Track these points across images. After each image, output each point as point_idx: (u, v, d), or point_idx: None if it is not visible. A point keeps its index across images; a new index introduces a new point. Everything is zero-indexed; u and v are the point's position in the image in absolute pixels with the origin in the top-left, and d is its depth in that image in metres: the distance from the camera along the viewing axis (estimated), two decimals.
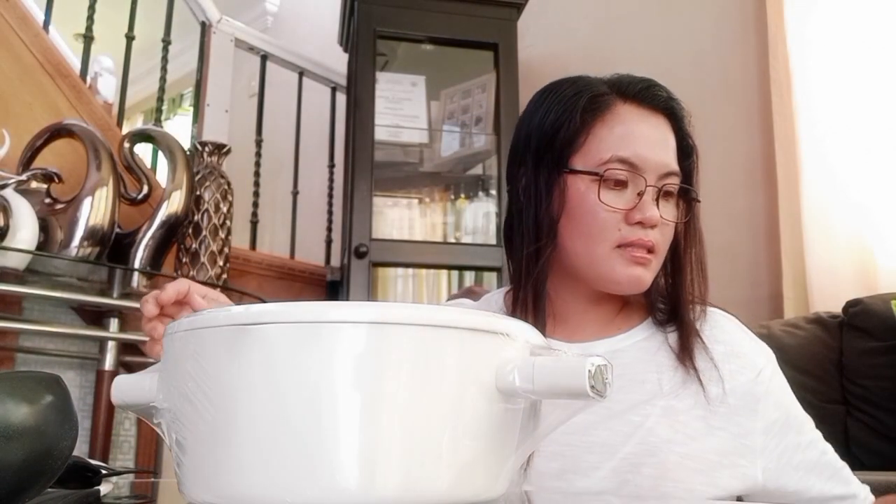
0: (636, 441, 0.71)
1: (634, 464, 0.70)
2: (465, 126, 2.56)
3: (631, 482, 0.70)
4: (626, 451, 0.71)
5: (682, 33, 2.46)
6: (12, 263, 1.59)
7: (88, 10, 2.22)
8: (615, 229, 0.74)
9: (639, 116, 0.77)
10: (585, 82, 0.80)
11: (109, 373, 1.80)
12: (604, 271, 0.75)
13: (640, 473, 0.70)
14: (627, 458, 0.71)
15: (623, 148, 0.75)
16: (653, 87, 0.79)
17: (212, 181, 2.02)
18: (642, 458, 0.70)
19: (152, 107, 3.07)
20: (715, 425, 0.73)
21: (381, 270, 2.46)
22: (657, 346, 0.78)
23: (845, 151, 1.97)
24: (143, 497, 0.74)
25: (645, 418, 0.72)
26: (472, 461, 0.39)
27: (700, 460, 0.71)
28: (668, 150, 0.78)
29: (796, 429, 0.79)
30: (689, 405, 0.74)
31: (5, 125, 1.75)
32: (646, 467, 0.70)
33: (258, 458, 0.37)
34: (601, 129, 0.76)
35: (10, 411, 0.42)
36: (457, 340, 0.39)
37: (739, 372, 0.77)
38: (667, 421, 0.72)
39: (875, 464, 1.53)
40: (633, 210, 0.74)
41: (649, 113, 0.78)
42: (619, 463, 0.71)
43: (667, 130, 0.78)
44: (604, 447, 0.72)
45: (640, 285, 0.76)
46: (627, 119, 0.77)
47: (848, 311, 1.70)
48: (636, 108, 0.78)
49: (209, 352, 0.40)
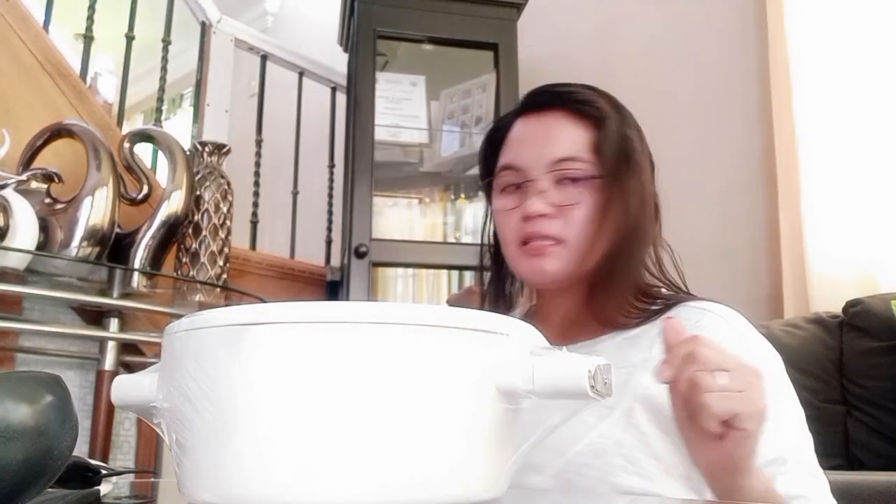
0: (586, 442, 0.71)
1: (579, 464, 0.70)
2: (465, 126, 2.56)
3: (572, 482, 0.69)
4: (574, 450, 0.71)
5: (682, 33, 2.46)
6: (12, 263, 1.58)
7: (88, 10, 2.22)
8: (515, 229, 0.80)
9: (525, 123, 0.84)
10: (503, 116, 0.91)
11: (109, 373, 1.80)
12: (516, 269, 0.83)
13: (581, 474, 0.69)
14: (574, 458, 0.70)
15: (506, 156, 0.84)
16: (538, 91, 0.86)
17: (212, 181, 2.02)
18: (587, 459, 0.70)
19: (152, 107, 3.06)
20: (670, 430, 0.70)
21: (381, 270, 2.46)
22: (631, 347, 0.77)
23: (845, 151, 1.97)
24: (143, 497, 0.74)
25: (600, 420, 0.71)
26: (472, 461, 0.39)
27: (644, 466, 0.70)
28: (557, 141, 0.80)
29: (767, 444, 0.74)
30: (645, 408, 0.72)
31: (5, 125, 1.75)
32: (588, 468, 0.69)
33: (258, 458, 0.37)
34: (504, 148, 0.86)
35: (10, 411, 0.42)
36: (457, 340, 0.39)
37: None
38: (621, 423, 0.71)
39: (875, 464, 1.53)
40: (521, 207, 0.80)
41: (538, 115, 0.83)
42: (566, 463, 0.70)
43: (557, 123, 0.81)
44: (555, 446, 0.71)
45: (544, 276, 0.80)
46: (515, 130, 0.85)
47: (848, 311, 1.70)
48: (525, 118, 0.85)
49: (209, 352, 0.40)
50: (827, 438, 1.67)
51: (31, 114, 1.94)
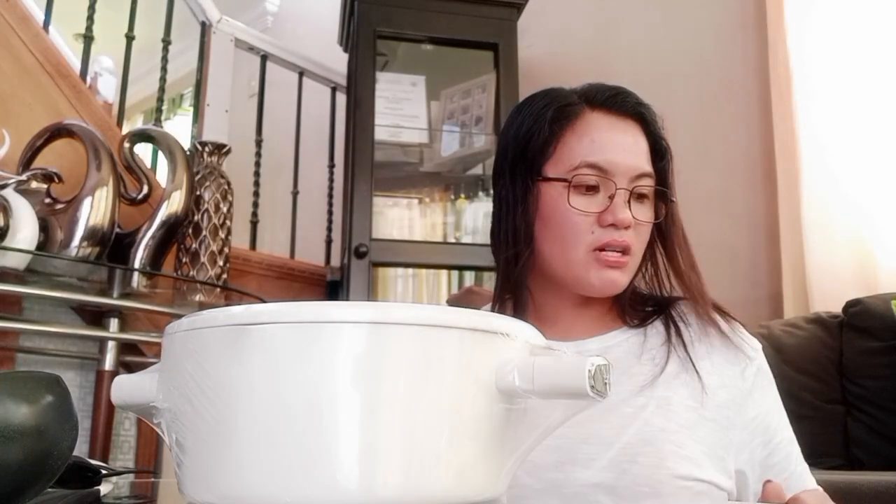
0: (633, 431, 0.73)
1: (632, 454, 0.72)
2: (465, 126, 2.56)
3: (629, 472, 0.71)
4: (623, 440, 0.72)
5: (683, 33, 2.46)
6: (12, 263, 1.58)
7: (88, 10, 2.22)
8: (588, 233, 0.77)
9: (607, 123, 0.80)
10: (556, 94, 0.83)
11: (109, 373, 1.80)
12: (579, 275, 0.78)
13: (637, 462, 0.71)
14: (625, 447, 0.72)
15: (592, 154, 0.78)
16: (621, 94, 0.82)
17: (212, 181, 2.02)
18: (639, 448, 0.72)
19: (152, 107, 3.07)
20: (706, 416, 0.75)
21: (381, 270, 2.46)
22: (648, 340, 0.80)
23: (845, 151, 1.97)
24: (143, 497, 0.74)
25: (640, 409, 0.74)
26: (472, 461, 0.39)
27: (692, 449, 0.73)
28: (639, 153, 0.80)
29: (773, 428, 0.79)
30: (681, 396, 0.75)
31: (5, 125, 1.75)
32: (643, 456, 0.71)
33: (258, 458, 0.37)
34: (571, 137, 0.80)
35: (10, 411, 0.42)
36: (457, 340, 0.39)
37: (727, 366, 0.79)
38: (661, 411, 0.74)
39: (875, 464, 1.53)
40: (605, 212, 0.77)
41: (618, 119, 0.81)
42: (618, 453, 0.72)
43: (637, 134, 0.81)
44: (600, 438, 0.73)
45: (614, 288, 0.78)
46: (596, 126, 0.80)
47: (848, 311, 1.70)
48: (605, 115, 0.81)
49: (209, 352, 0.40)
50: (827, 438, 1.67)
51: (31, 114, 1.94)
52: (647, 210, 0.80)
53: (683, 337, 0.79)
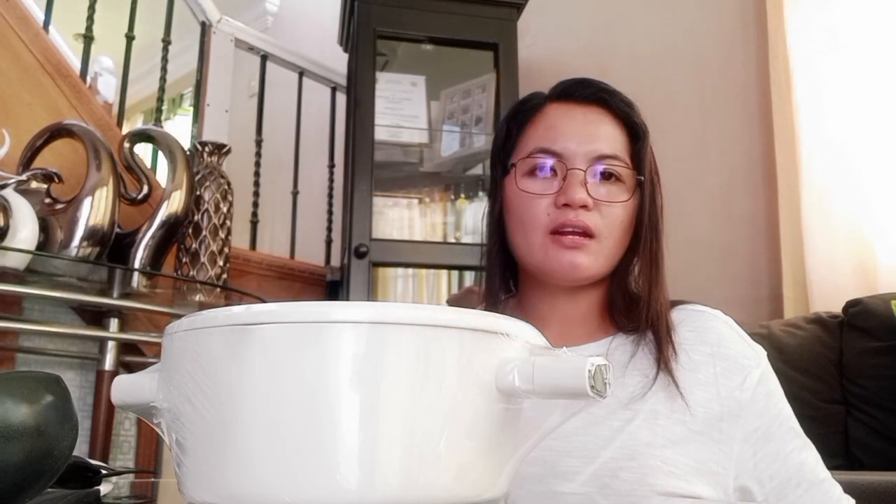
0: (617, 445, 0.71)
1: (614, 468, 0.70)
2: (465, 126, 2.56)
3: (609, 486, 0.69)
4: (607, 454, 0.70)
5: (682, 33, 2.46)
6: (12, 263, 1.58)
7: (88, 10, 2.22)
8: (544, 215, 0.77)
9: (564, 110, 0.82)
10: (529, 95, 0.86)
11: (109, 373, 1.80)
12: (540, 259, 0.78)
13: (618, 478, 0.69)
14: (608, 462, 0.70)
15: (545, 140, 0.80)
16: (581, 82, 0.83)
17: (212, 181, 2.02)
18: (622, 463, 0.70)
19: (152, 107, 3.07)
20: (696, 430, 0.72)
21: (381, 270, 2.46)
22: (639, 350, 0.77)
23: (845, 151, 1.97)
24: (143, 497, 0.74)
25: (626, 423, 0.72)
26: (472, 461, 0.39)
27: (678, 465, 0.70)
28: (600, 137, 0.79)
29: (779, 438, 0.76)
30: (670, 409, 0.73)
31: (5, 125, 1.75)
32: (625, 472, 0.69)
33: (258, 458, 0.37)
34: (530, 130, 0.82)
35: (10, 411, 0.42)
36: (457, 340, 0.39)
37: (725, 376, 0.76)
38: (647, 425, 0.72)
39: (875, 464, 1.53)
40: (559, 193, 0.77)
41: (577, 106, 0.81)
42: (600, 467, 0.70)
43: (600, 120, 0.81)
44: (584, 451, 0.71)
45: (576, 271, 0.77)
46: (552, 115, 0.82)
47: (848, 311, 1.70)
48: (564, 105, 0.82)
49: (209, 352, 0.39)
50: (827, 438, 1.67)
51: (31, 114, 1.94)
52: (617, 192, 0.78)
53: (675, 348, 0.76)
